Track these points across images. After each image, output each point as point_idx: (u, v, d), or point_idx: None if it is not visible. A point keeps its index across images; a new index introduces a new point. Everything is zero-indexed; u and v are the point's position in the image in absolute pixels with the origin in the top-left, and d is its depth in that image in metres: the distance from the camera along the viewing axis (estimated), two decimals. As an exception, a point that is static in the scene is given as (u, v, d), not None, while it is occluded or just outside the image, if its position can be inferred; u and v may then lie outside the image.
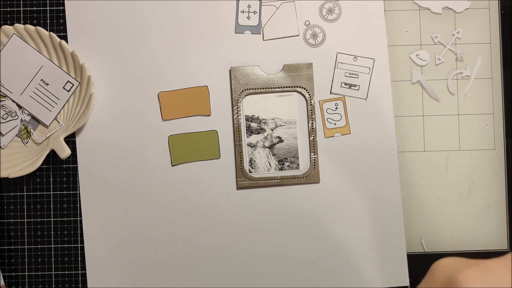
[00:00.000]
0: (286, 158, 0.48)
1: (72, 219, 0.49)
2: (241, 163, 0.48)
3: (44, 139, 0.47)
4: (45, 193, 0.49)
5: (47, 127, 0.48)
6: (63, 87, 0.47)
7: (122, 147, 0.48)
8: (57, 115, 0.48)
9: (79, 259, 0.49)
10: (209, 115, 0.48)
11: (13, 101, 0.48)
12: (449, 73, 0.50)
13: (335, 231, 0.48)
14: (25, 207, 0.49)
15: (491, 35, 0.50)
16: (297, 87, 0.48)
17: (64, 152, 0.46)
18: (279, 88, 0.48)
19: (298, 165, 0.48)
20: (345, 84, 0.49)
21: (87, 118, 0.47)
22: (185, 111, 0.48)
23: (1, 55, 0.47)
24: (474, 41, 0.50)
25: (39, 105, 0.47)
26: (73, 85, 0.47)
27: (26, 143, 0.48)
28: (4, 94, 0.47)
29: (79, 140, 0.48)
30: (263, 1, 0.49)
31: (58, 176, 0.49)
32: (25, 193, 0.49)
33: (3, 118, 0.48)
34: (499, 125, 0.50)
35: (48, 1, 0.49)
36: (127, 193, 0.48)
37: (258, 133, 0.49)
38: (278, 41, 0.49)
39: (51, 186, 0.49)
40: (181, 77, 0.48)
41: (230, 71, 0.48)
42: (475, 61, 0.50)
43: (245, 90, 0.48)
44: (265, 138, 0.49)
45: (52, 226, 0.49)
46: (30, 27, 0.47)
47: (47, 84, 0.47)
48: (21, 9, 0.49)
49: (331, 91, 0.49)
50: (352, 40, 0.49)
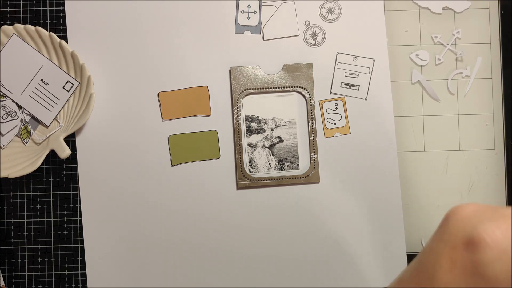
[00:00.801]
0: (286, 158, 0.48)
1: (72, 219, 0.49)
2: (241, 163, 0.48)
3: (44, 139, 0.47)
4: (45, 193, 0.49)
5: (47, 127, 0.48)
6: (63, 87, 0.47)
7: (122, 147, 0.48)
8: (57, 115, 0.48)
9: (79, 259, 0.49)
10: (209, 115, 0.48)
11: (13, 101, 0.48)
12: (449, 73, 0.50)
13: (335, 231, 0.48)
14: (25, 207, 0.49)
15: (491, 35, 0.50)
16: (297, 87, 0.48)
17: (64, 152, 0.46)
18: (279, 88, 0.48)
19: (298, 165, 0.48)
20: (345, 84, 0.49)
21: (87, 118, 0.47)
22: (185, 111, 0.48)
23: (1, 55, 0.47)
24: (474, 41, 0.50)
25: (39, 105, 0.47)
26: (73, 85, 0.47)
27: (26, 143, 0.48)
28: (4, 94, 0.47)
29: (79, 140, 0.48)
30: (263, 1, 0.49)
31: (58, 176, 0.49)
32: (25, 193, 0.49)
33: (3, 118, 0.48)
34: (499, 125, 0.50)
35: (48, 1, 0.49)
36: (127, 193, 0.48)
37: (258, 133, 0.49)
38: (278, 41, 0.49)
39: (51, 186, 0.49)
40: (181, 77, 0.48)
41: (230, 71, 0.48)
42: (475, 61, 0.50)
43: (245, 90, 0.48)
44: (265, 138, 0.49)
45: (52, 226, 0.49)
46: (30, 27, 0.47)
47: (47, 84, 0.47)
48: (21, 9, 0.49)
49: (331, 91, 0.49)
50: (352, 40, 0.49)
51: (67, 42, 0.48)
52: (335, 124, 0.49)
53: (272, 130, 0.49)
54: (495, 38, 0.50)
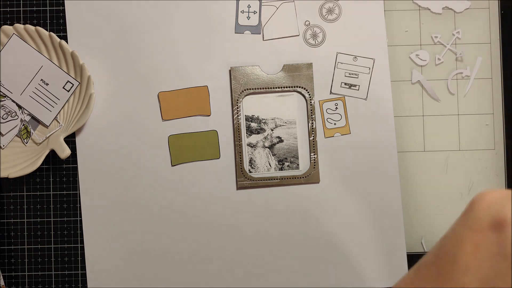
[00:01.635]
0: (286, 158, 0.48)
1: (72, 219, 0.49)
2: (241, 163, 0.48)
3: (44, 139, 0.47)
4: (45, 193, 0.49)
5: (47, 127, 0.48)
6: (63, 87, 0.47)
7: (122, 147, 0.48)
8: (57, 115, 0.48)
9: (79, 259, 0.49)
10: (209, 115, 0.48)
11: (13, 101, 0.48)
12: (449, 73, 0.50)
13: (335, 231, 0.48)
14: (25, 207, 0.49)
15: (491, 35, 0.50)
16: (297, 87, 0.48)
17: (64, 152, 0.46)
18: (279, 88, 0.48)
19: (298, 165, 0.48)
20: (345, 84, 0.49)
21: (87, 118, 0.47)
22: (185, 111, 0.48)
23: (1, 55, 0.47)
24: (474, 41, 0.50)
25: (39, 105, 0.47)
26: (73, 85, 0.47)
27: (26, 143, 0.48)
28: (4, 94, 0.47)
29: (79, 140, 0.48)
30: (263, 1, 0.49)
31: (58, 176, 0.49)
32: (25, 193, 0.49)
33: (3, 118, 0.48)
34: (499, 125, 0.50)
35: (48, 1, 0.49)
36: (127, 193, 0.48)
37: (258, 133, 0.49)
38: (278, 41, 0.49)
39: (51, 186, 0.49)
40: (181, 77, 0.48)
41: (230, 71, 0.48)
42: (475, 61, 0.50)
43: (245, 90, 0.48)
44: (265, 138, 0.49)
45: (52, 226, 0.49)
46: (30, 27, 0.47)
47: (47, 84, 0.47)
48: (21, 9, 0.49)
49: (331, 91, 0.49)
50: (352, 40, 0.49)
51: (67, 42, 0.48)
52: (335, 124, 0.49)
53: (272, 130, 0.49)
54: (495, 38, 0.50)
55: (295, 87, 0.48)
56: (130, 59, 0.48)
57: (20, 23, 0.48)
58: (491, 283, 0.26)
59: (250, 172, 0.48)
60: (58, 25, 0.49)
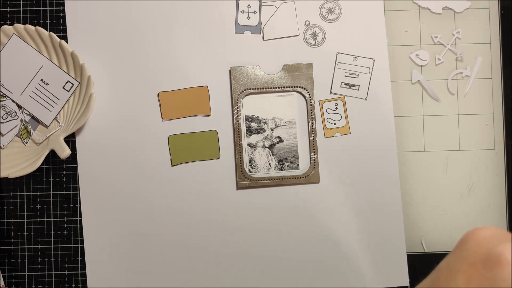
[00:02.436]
0: (286, 158, 0.48)
1: (72, 219, 0.49)
2: (241, 163, 0.48)
3: (44, 139, 0.47)
4: (45, 193, 0.49)
5: (47, 127, 0.48)
6: (63, 87, 0.47)
7: (122, 147, 0.48)
8: (57, 115, 0.48)
9: (79, 259, 0.49)
10: (209, 115, 0.48)
11: (13, 101, 0.48)
12: (449, 73, 0.50)
13: (335, 231, 0.48)
14: (25, 207, 0.49)
15: (491, 35, 0.50)
16: (297, 87, 0.48)
17: (64, 152, 0.46)
18: (279, 88, 0.48)
19: (298, 165, 0.48)
20: (345, 84, 0.49)
21: (87, 118, 0.47)
22: (185, 111, 0.48)
23: (1, 55, 0.47)
24: (474, 41, 0.50)
25: (39, 105, 0.47)
26: (73, 85, 0.47)
27: (26, 143, 0.48)
28: (4, 94, 0.47)
29: (79, 140, 0.48)
30: (263, 1, 0.49)
31: (58, 176, 0.49)
32: (25, 193, 0.49)
33: (3, 118, 0.48)
34: (499, 125, 0.50)
35: (48, 1, 0.49)
36: (127, 193, 0.48)
37: (258, 133, 0.49)
38: (278, 41, 0.49)
39: (51, 186, 0.49)
40: (181, 77, 0.48)
41: (230, 71, 0.48)
42: (475, 61, 0.50)
43: (245, 90, 0.48)
44: (265, 138, 0.49)
45: (52, 226, 0.49)
46: (30, 27, 0.47)
47: (47, 84, 0.47)
48: (21, 9, 0.49)
49: (331, 91, 0.49)
50: (352, 40, 0.49)
51: (67, 42, 0.48)
52: (335, 124, 0.49)
53: (272, 130, 0.49)
54: (495, 38, 0.50)
55: (295, 87, 0.48)
56: (130, 59, 0.48)
57: (20, 23, 0.48)
58: None
59: (250, 172, 0.48)
60: (58, 25, 0.49)
